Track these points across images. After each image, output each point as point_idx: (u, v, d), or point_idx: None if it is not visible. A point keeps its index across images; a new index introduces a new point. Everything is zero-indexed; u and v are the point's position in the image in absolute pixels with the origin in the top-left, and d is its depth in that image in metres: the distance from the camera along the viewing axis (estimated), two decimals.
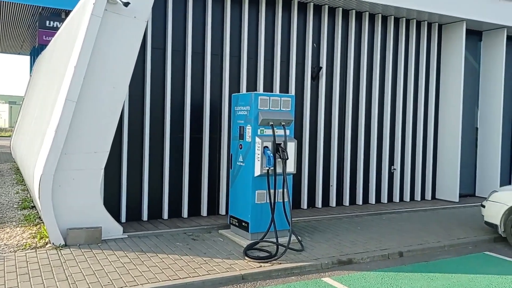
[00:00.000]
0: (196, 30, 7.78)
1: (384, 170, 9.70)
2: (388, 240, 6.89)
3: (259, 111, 6.44)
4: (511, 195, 7.04)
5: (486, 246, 7.02)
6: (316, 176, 8.96)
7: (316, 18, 8.88)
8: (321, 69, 8.90)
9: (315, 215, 8.32)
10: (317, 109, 8.98)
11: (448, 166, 10.16)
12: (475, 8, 9.66)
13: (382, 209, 9.01)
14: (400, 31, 9.81)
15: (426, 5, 9.06)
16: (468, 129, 10.82)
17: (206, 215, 7.88)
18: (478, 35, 10.91)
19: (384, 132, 9.70)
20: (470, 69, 10.79)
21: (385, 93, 9.70)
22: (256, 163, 6.40)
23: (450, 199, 10.08)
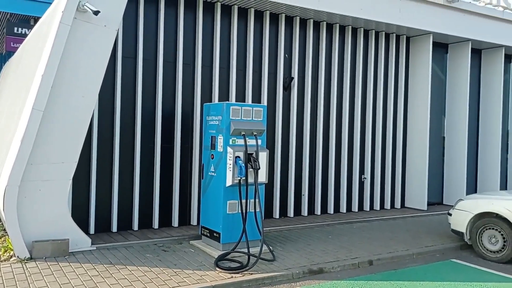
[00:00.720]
0: (168, 39, 7.75)
1: (355, 179, 9.84)
2: (359, 249, 6.97)
3: (231, 121, 6.45)
4: (476, 203, 7.25)
5: (453, 254, 7.19)
6: (288, 185, 9.01)
7: (288, 29, 8.98)
8: (293, 80, 8.99)
9: (287, 224, 8.34)
10: (289, 119, 9.05)
11: (417, 175, 10.38)
12: (441, 22, 9.96)
13: (353, 218, 9.11)
14: (370, 43, 10.02)
15: (394, 18, 9.29)
16: (436, 138, 11.10)
17: (178, 226, 7.80)
18: (444, 48, 11.25)
19: (355, 142, 9.84)
20: (437, 80, 11.10)
21: (355, 104, 9.86)
22: (228, 173, 6.39)
23: (419, 207, 10.29)
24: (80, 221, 6.68)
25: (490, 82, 11.60)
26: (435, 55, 10.80)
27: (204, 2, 8.00)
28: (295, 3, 8.10)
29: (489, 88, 11.63)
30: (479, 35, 10.60)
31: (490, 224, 6.90)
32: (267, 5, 8.25)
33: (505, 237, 6.70)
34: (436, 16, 9.89)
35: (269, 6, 8.28)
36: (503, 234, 6.73)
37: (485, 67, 11.75)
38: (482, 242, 6.99)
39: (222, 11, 8.21)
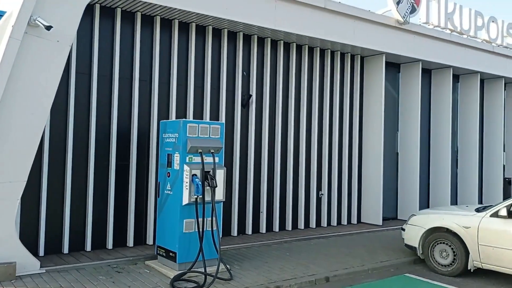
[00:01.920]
0: (124, 55, 7.64)
1: (312, 195, 9.95)
2: (316, 265, 7.02)
3: (187, 139, 6.40)
4: (427, 218, 7.48)
5: (407, 268, 7.36)
6: (246, 203, 8.99)
7: (246, 47, 9.06)
8: (251, 97, 9.05)
9: (245, 242, 8.30)
10: (248, 136, 9.08)
11: (372, 190, 10.62)
12: (393, 43, 10.35)
13: (311, 234, 9.19)
14: (326, 61, 10.26)
15: (349, 38, 9.56)
16: (390, 155, 11.43)
17: (133, 246, 7.60)
18: (396, 67, 11.67)
19: (312, 158, 9.98)
20: (390, 98, 11.47)
21: (312, 121, 10.03)
22: (184, 191, 6.31)
23: (375, 222, 10.51)
24: (29, 243, 6.40)
25: (440, 101, 12.10)
26: (388, 74, 11.17)
27: (161, 19, 7.97)
28: (253, 22, 8.20)
29: (439, 106, 12.12)
30: (428, 56, 11.08)
31: (441, 239, 7.12)
32: (225, 24, 8.31)
33: (455, 251, 6.93)
34: (389, 37, 10.27)
35: (226, 24, 8.34)
36: (453, 248, 6.95)
37: (435, 86, 12.25)
38: (433, 256, 7.19)
39: (180, 28, 8.19)
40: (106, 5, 7.41)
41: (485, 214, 6.75)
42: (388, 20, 10.17)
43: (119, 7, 7.50)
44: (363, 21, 9.73)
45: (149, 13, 7.78)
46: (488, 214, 6.70)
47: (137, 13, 7.71)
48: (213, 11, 7.74)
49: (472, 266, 6.78)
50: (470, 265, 6.78)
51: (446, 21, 11.28)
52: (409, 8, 10.30)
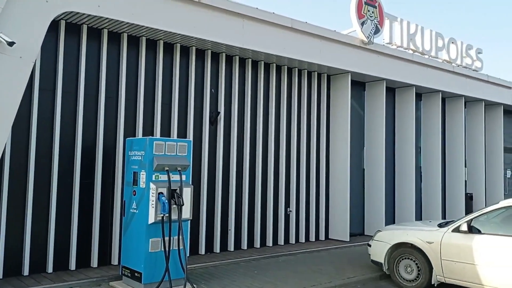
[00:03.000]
0: (90, 72, 7.55)
1: (281, 212, 9.98)
2: (284, 283, 7.01)
3: (154, 156, 6.34)
4: (392, 234, 7.61)
5: (373, 284, 7.44)
6: (214, 221, 8.93)
7: (214, 65, 9.11)
8: (219, 114, 9.07)
9: (213, 260, 8.22)
10: (216, 153, 9.06)
11: (339, 207, 10.75)
12: (358, 62, 10.62)
13: (279, 251, 9.19)
14: (293, 80, 10.42)
15: (315, 58, 9.76)
16: (357, 171, 11.62)
17: (97, 266, 7.40)
18: (362, 86, 11.95)
19: (280, 175, 10.04)
20: (356, 116, 11.71)
21: (280, 138, 10.11)
22: (151, 210, 6.23)
23: (342, 238, 10.60)
24: None
25: (404, 118, 12.43)
26: (354, 92, 11.42)
27: (128, 36, 7.94)
28: (221, 40, 8.27)
29: (403, 124, 12.45)
30: (392, 75, 11.41)
31: (406, 254, 7.25)
32: (193, 41, 8.35)
33: (419, 266, 7.06)
34: (354, 56, 10.54)
35: (194, 42, 8.38)
36: (418, 263, 7.08)
37: (399, 104, 12.60)
38: (399, 272, 7.30)
39: (148, 45, 8.17)
40: (71, 22, 7.33)
41: (447, 229, 6.92)
42: (353, 40, 10.45)
43: (85, 24, 7.44)
44: (329, 40, 9.96)
45: (116, 30, 7.74)
46: (450, 229, 6.87)
47: (104, 30, 7.66)
48: (181, 29, 7.77)
49: (436, 280, 6.91)
50: (434, 280, 6.92)
51: (408, 41, 11.68)
52: (373, 29, 10.62)
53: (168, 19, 7.58)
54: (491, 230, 6.63)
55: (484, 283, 6.41)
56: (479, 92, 13.89)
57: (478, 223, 6.73)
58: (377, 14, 10.80)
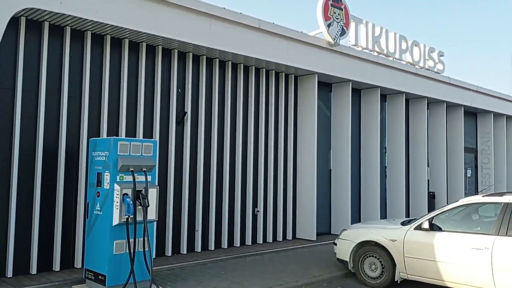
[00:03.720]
0: (51, 70, 7.35)
1: (248, 213, 9.99)
2: (250, 283, 7.02)
3: (118, 157, 6.23)
4: (357, 232, 7.74)
5: (339, 282, 7.55)
6: (181, 221, 8.85)
7: (181, 65, 9.03)
8: (186, 114, 9.00)
9: (180, 261, 8.15)
10: (182, 153, 8.99)
11: (306, 206, 10.85)
12: (325, 63, 10.76)
13: (247, 252, 9.20)
14: (261, 80, 10.45)
15: (283, 58, 9.83)
16: (324, 171, 11.76)
17: (59, 270, 7.22)
18: (329, 87, 12.10)
19: (248, 176, 10.05)
20: (323, 117, 11.85)
21: (248, 139, 10.12)
22: (115, 211, 6.12)
23: (309, 238, 10.71)
24: None
25: (369, 119, 12.67)
26: (321, 93, 11.56)
27: (92, 34, 7.77)
28: (188, 40, 8.21)
29: (368, 125, 12.68)
30: (358, 76, 11.61)
31: (370, 252, 7.39)
32: (159, 41, 8.25)
33: (383, 263, 7.21)
34: (321, 58, 10.67)
35: (161, 41, 8.29)
36: (382, 261, 7.23)
37: (364, 106, 12.83)
38: (363, 269, 7.43)
39: (112, 44, 8.03)
40: (33, 19, 7.12)
41: (410, 227, 7.10)
42: (320, 41, 10.57)
43: (47, 21, 7.24)
44: (296, 42, 10.05)
45: (79, 28, 7.56)
46: (412, 227, 7.05)
47: (67, 27, 7.47)
48: (147, 28, 7.67)
49: (399, 277, 7.08)
50: (397, 277, 7.08)
51: (373, 44, 11.91)
52: (339, 31, 10.78)
53: (133, 18, 7.47)
54: (451, 227, 6.84)
55: (445, 279, 6.60)
56: (441, 93, 14.31)
57: (439, 220, 6.93)
58: (343, 16, 10.96)
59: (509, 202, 6.38)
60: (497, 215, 6.41)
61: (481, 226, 6.77)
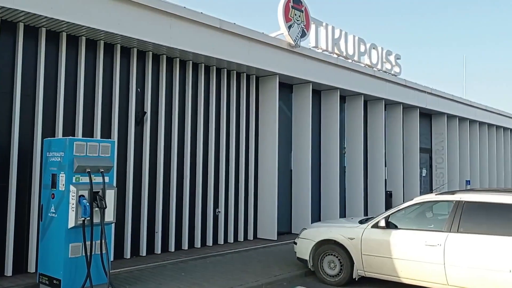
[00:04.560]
0: (3, 68, 7.07)
1: (209, 213, 9.94)
2: (210, 283, 6.99)
3: (74, 158, 6.07)
4: (317, 231, 7.86)
5: (299, 281, 7.63)
6: (140, 223, 8.71)
7: (141, 64, 8.89)
8: (145, 114, 8.86)
9: (139, 264, 8.02)
10: (142, 154, 8.85)
11: (268, 207, 10.91)
12: (286, 64, 10.86)
13: (207, 252, 9.15)
14: (222, 80, 10.43)
15: (244, 59, 9.85)
16: (285, 171, 11.86)
17: (12, 275, 6.93)
18: (290, 88, 12.21)
19: (209, 176, 10.00)
20: (284, 118, 11.95)
21: (209, 139, 10.07)
22: (71, 213, 5.95)
23: (270, 237, 10.78)
24: None
25: (329, 120, 12.89)
26: (282, 94, 11.65)
27: (47, 31, 7.53)
28: (147, 39, 8.10)
29: (328, 126, 12.90)
30: (318, 78, 11.79)
31: (329, 250, 7.51)
32: (117, 39, 8.09)
33: (341, 261, 7.35)
34: (282, 59, 10.77)
35: (119, 39, 8.13)
36: (340, 259, 7.37)
37: (324, 107, 13.04)
38: (323, 268, 7.55)
39: (68, 41, 7.80)
40: None
41: (367, 225, 7.27)
42: (281, 42, 10.67)
43: None
44: (257, 42, 10.10)
45: (33, 24, 7.31)
46: (370, 225, 7.23)
47: (19, 23, 7.20)
48: (105, 26, 7.51)
49: (357, 275, 7.24)
50: (355, 274, 7.24)
51: (333, 46, 12.13)
52: (299, 33, 10.91)
53: (91, 15, 7.29)
54: (407, 225, 7.05)
55: (401, 275, 6.80)
56: (397, 95, 14.74)
57: (395, 218, 7.14)
58: (303, 18, 11.10)
59: (460, 200, 6.65)
60: (449, 213, 6.66)
61: (434, 224, 7.03)
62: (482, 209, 6.50)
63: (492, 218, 6.37)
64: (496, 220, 6.28)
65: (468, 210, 6.49)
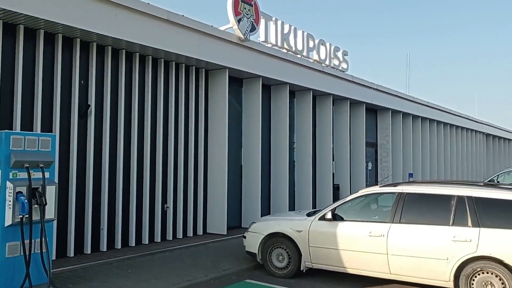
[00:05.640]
0: None
1: (157, 209, 9.76)
2: (158, 280, 6.87)
3: (11, 152, 5.75)
4: (266, 225, 7.91)
5: (247, 274, 7.65)
6: (84, 220, 8.40)
7: (84, 55, 8.54)
8: (89, 107, 8.55)
9: (83, 262, 7.75)
10: (86, 148, 8.53)
11: (217, 201, 10.86)
12: (235, 58, 10.82)
13: (155, 249, 8.99)
14: (171, 73, 10.23)
15: (193, 52, 9.72)
16: (235, 166, 11.84)
17: None
18: (239, 82, 12.19)
19: (157, 171, 9.81)
20: (234, 113, 11.92)
21: (157, 133, 9.87)
22: (7, 211, 5.65)
23: (220, 232, 10.74)
24: None
25: (279, 115, 12.99)
26: (232, 88, 11.61)
27: None
28: (91, 29, 7.80)
29: (278, 120, 13.00)
30: (267, 73, 11.84)
31: (278, 243, 7.58)
32: (59, 28, 7.74)
33: (290, 254, 7.44)
34: (231, 53, 10.71)
35: (61, 28, 7.77)
36: (288, 251, 7.45)
37: (274, 102, 13.12)
38: (271, 261, 7.61)
39: (5, 29, 7.37)
40: None
41: (314, 218, 7.39)
42: (231, 36, 10.61)
43: None
44: (207, 35, 9.99)
45: None
46: (317, 218, 7.35)
47: None
48: (45, 14, 7.16)
49: (304, 267, 7.35)
50: (303, 266, 7.35)
51: (282, 41, 12.21)
52: (249, 27, 10.90)
53: (30, 2, 6.91)
54: (352, 216, 7.24)
55: (347, 266, 6.98)
56: (345, 91, 15.08)
57: (341, 211, 7.30)
58: (253, 12, 11.10)
59: (401, 191, 6.90)
60: (392, 204, 6.89)
61: (379, 215, 7.25)
62: (422, 200, 6.79)
63: (431, 208, 6.66)
64: (435, 211, 6.57)
65: (409, 201, 6.75)
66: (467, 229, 6.13)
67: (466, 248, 6.04)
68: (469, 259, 6.02)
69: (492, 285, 5.89)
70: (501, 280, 5.83)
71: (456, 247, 6.09)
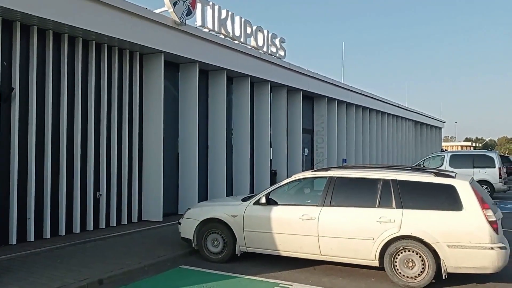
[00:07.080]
0: None
1: (89, 197, 9.46)
2: (89, 269, 6.68)
3: None
4: (201, 210, 7.91)
5: (183, 260, 7.62)
6: (9, 209, 7.98)
7: (7, 35, 8.02)
8: (13, 90, 8.06)
9: (9, 253, 7.37)
10: (10, 134, 8.06)
11: (153, 188, 10.69)
12: (171, 42, 10.61)
13: (87, 237, 8.72)
14: (103, 56, 9.86)
15: (126, 35, 9.41)
16: (172, 153, 11.69)
17: None
18: (176, 67, 11.99)
19: (89, 158, 9.48)
20: (171, 98, 11.72)
21: (88, 119, 9.51)
22: None
23: (155, 219, 10.60)
24: None
25: (216, 101, 12.93)
26: (168, 73, 11.39)
27: None
28: (13, 7, 7.31)
29: (216, 106, 12.94)
30: (205, 58, 11.72)
31: (213, 229, 7.60)
32: None
33: (225, 239, 7.49)
34: (167, 36, 10.49)
35: None
36: (223, 236, 7.50)
37: (212, 87, 13.04)
38: (206, 246, 7.62)
39: None
40: None
41: (249, 202, 7.48)
42: (166, 20, 10.38)
43: None
44: (141, 18, 9.71)
45: None
46: (252, 203, 7.45)
47: None
48: None
49: (239, 251, 7.44)
50: (237, 250, 7.44)
51: (220, 26, 12.12)
52: (185, 11, 10.71)
53: None
54: (286, 201, 7.40)
55: (280, 248, 7.14)
56: (282, 78, 15.29)
57: (275, 195, 7.43)
58: None
59: (332, 176, 7.14)
60: (323, 188, 7.12)
61: (312, 199, 7.46)
62: (351, 184, 7.06)
63: (359, 192, 6.94)
64: (363, 194, 6.86)
65: (339, 185, 7.00)
66: (392, 210, 6.47)
67: (390, 229, 6.37)
68: (393, 239, 6.37)
69: (413, 262, 6.27)
70: (421, 258, 6.22)
71: (381, 227, 6.42)
